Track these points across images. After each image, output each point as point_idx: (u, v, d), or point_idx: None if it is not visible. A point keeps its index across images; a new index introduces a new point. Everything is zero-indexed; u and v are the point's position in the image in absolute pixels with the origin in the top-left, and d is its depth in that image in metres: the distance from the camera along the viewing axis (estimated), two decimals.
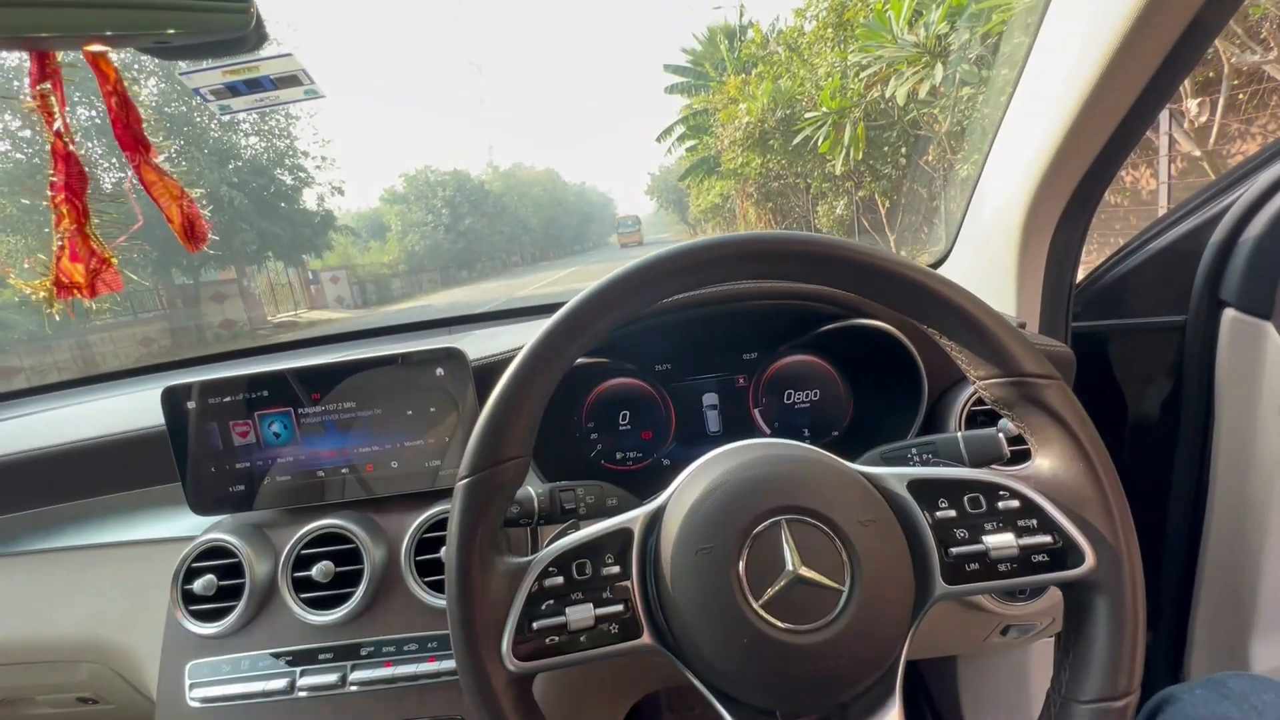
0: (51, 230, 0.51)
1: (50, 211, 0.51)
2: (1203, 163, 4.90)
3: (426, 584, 0.74)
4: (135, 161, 0.51)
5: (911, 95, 6.06)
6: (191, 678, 0.74)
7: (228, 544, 0.75)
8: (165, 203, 0.53)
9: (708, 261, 0.48)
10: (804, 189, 9.28)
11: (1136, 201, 5.92)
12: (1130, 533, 0.44)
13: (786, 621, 0.42)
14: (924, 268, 0.48)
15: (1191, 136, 4.92)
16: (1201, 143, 4.85)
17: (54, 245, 0.52)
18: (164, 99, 15.58)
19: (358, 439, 0.80)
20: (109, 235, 0.57)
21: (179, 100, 16.35)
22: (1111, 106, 0.75)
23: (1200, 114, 4.86)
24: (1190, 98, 4.84)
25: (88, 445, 0.87)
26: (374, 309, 23.91)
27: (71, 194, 0.51)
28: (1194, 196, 0.96)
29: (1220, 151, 4.92)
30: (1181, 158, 5.21)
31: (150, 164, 0.52)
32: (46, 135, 0.50)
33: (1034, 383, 0.46)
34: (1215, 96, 4.77)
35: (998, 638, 0.91)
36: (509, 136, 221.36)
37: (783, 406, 0.88)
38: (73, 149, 0.50)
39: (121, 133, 0.50)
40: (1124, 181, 6.09)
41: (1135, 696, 0.43)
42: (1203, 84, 4.91)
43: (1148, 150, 5.39)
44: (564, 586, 0.46)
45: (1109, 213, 6.15)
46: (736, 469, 0.47)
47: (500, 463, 0.46)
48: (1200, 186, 0.95)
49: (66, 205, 0.51)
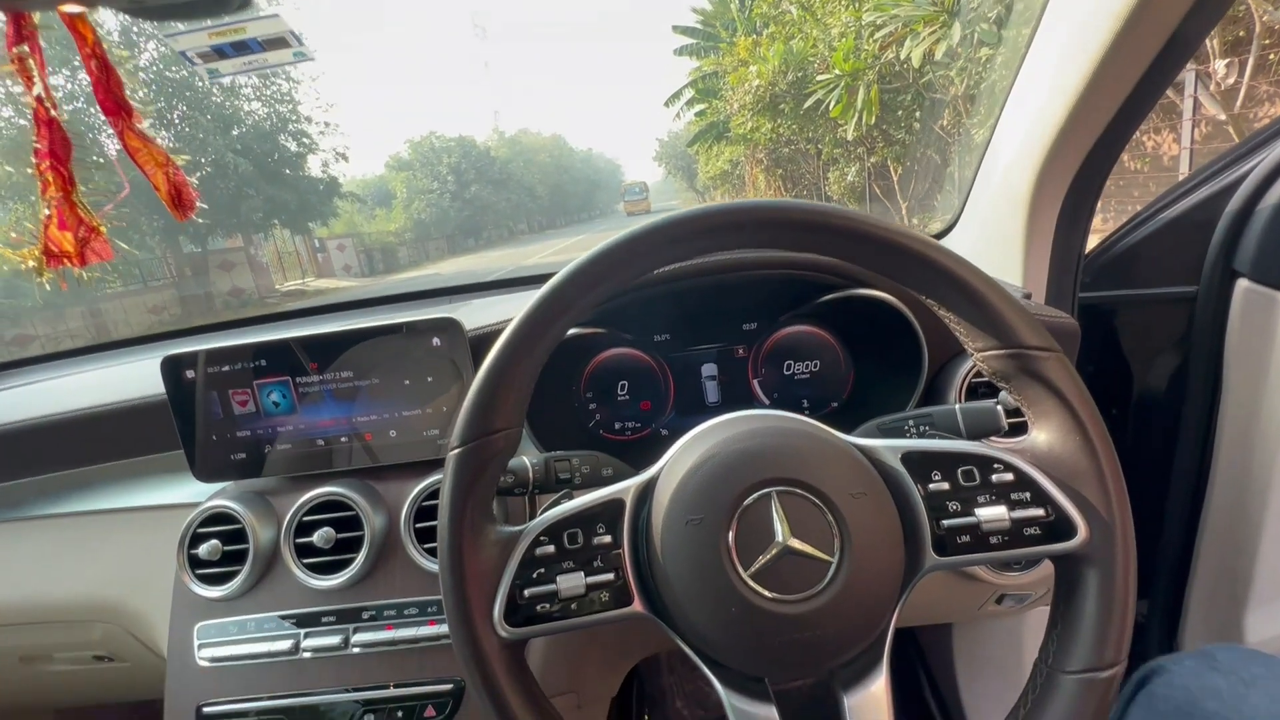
0: (38, 198, 0.51)
1: (36, 179, 0.51)
2: (1228, 127, 4.74)
3: (426, 550, 0.75)
4: (118, 127, 0.50)
5: (927, 56, 5.88)
6: (200, 638, 0.76)
7: (231, 510, 0.76)
8: (150, 170, 0.52)
9: (700, 231, 0.47)
10: (815, 155, 9.10)
11: (1157, 168, 5.75)
12: (1125, 507, 0.44)
13: (775, 591, 0.43)
14: (922, 236, 0.46)
15: (1217, 99, 4.74)
16: (1228, 106, 4.68)
17: (41, 213, 0.51)
18: (165, 63, 15.35)
19: (356, 408, 0.80)
20: (98, 204, 0.56)
21: (180, 65, 16.11)
22: (1127, 67, 0.72)
23: (1228, 75, 4.68)
24: (1218, 58, 4.65)
25: (95, 412, 0.88)
26: (381, 277, 23.89)
27: (56, 160, 0.50)
28: (1211, 163, 0.93)
29: (1246, 115, 4.74)
30: (1206, 122, 5.04)
31: (134, 130, 0.51)
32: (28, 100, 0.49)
33: (1033, 355, 0.45)
34: (1245, 57, 4.58)
35: (993, 606, 0.91)
36: (514, 102, 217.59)
37: (782, 377, 0.88)
38: (55, 114, 0.50)
39: (103, 97, 0.49)
40: (1145, 147, 5.91)
41: (1121, 668, 0.43)
42: (1232, 44, 4.72)
43: (1170, 114, 5.21)
44: (555, 555, 0.46)
45: (1128, 179, 5.97)
46: (728, 440, 0.47)
47: (490, 434, 0.46)
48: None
49: (52, 172, 0.50)
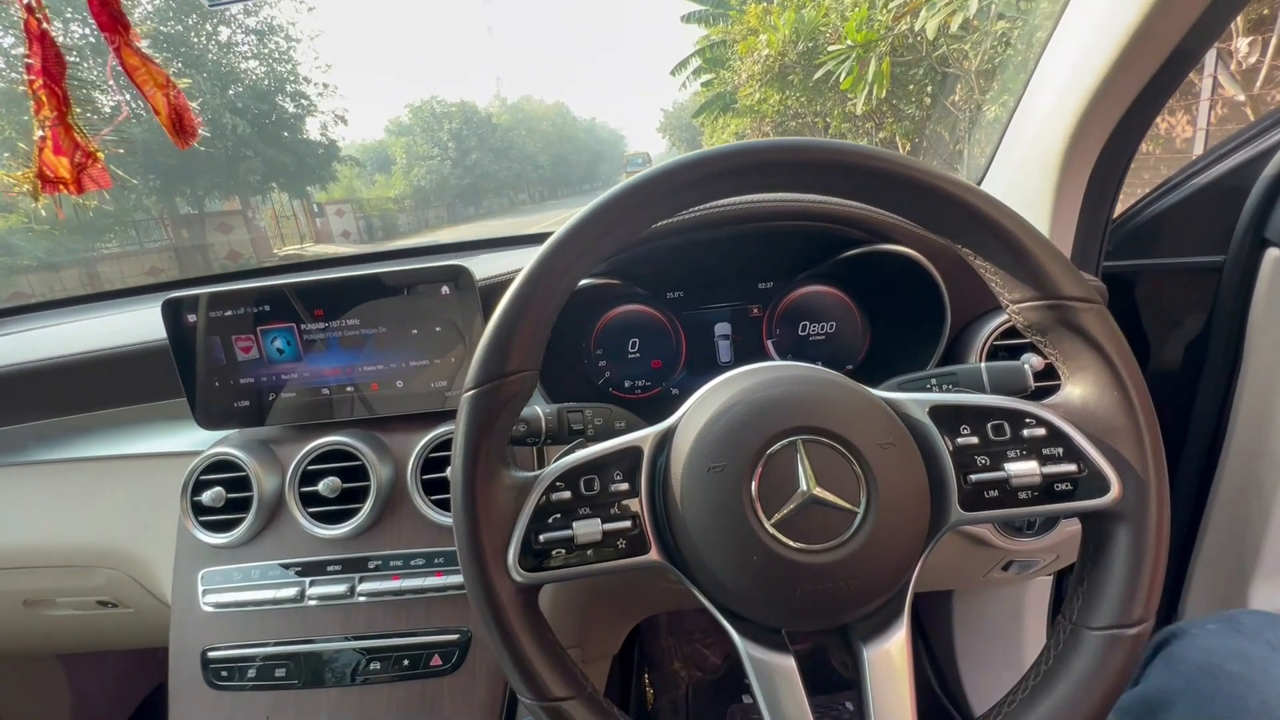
0: (31, 118, 0.48)
1: (28, 98, 0.48)
2: (1245, 108, 4.64)
3: (433, 502, 0.74)
4: (115, 43, 0.47)
5: (942, 29, 5.73)
6: (204, 584, 0.76)
7: (235, 458, 0.75)
8: (150, 90, 0.49)
9: (727, 170, 0.44)
10: (822, 129, 8.94)
11: (1170, 149, 5.66)
12: (1161, 464, 0.43)
13: (798, 541, 0.41)
14: (960, 179, 0.44)
15: (1237, 79, 4.63)
16: (1247, 86, 4.58)
17: (34, 135, 0.49)
18: (160, 17, 14.98)
19: (363, 357, 0.78)
20: (95, 130, 0.54)
21: (175, 20, 15.72)
22: (1169, 25, 0.69)
23: (1250, 54, 4.56)
24: (1241, 36, 4.53)
25: (94, 357, 0.87)
26: (380, 244, 23.65)
27: (49, 79, 0.47)
28: (1245, 130, 0.89)
29: (1265, 97, 4.64)
30: (1223, 102, 4.93)
31: (132, 46, 0.48)
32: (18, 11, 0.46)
33: (1073, 306, 0.43)
34: (1268, 35, 4.46)
35: (998, 573, 0.91)
36: (517, 68, 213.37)
37: (797, 338, 0.86)
38: (48, 28, 0.47)
39: (98, 10, 0.46)
40: (1158, 127, 5.80)
41: (1149, 625, 0.42)
42: (1255, 22, 4.59)
43: (1186, 94, 5.10)
44: (571, 501, 0.45)
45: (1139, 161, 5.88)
46: (752, 389, 0.46)
47: (506, 375, 0.44)
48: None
49: (45, 91, 0.48)
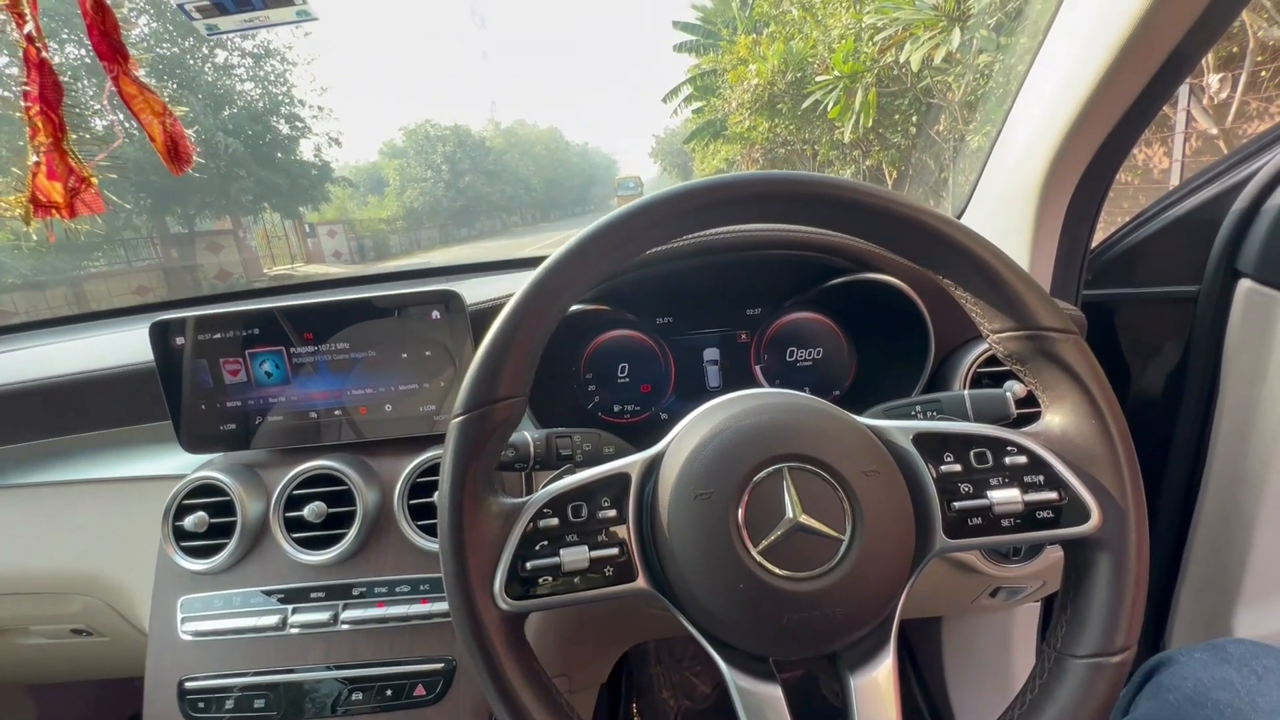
0: (26, 144, 0.49)
1: (25, 124, 0.48)
2: (1218, 141, 4.80)
3: (419, 527, 0.73)
4: (114, 72, 0.48)
5: (926, 61, 5.89)
6: (184, 612, 0.74)
7: (219, 482, 0.74)
8: (146, 118, 0.50)
9: (717, 201, 0.45)
10: (810, 156, 9.11)
11: (1148, 180, 5.81)
12: (1139, 492, 0.44)
13: (785, 569, 0.42)
14: (940, 213, 0.45)
15: (1209, 113, 4.80)
16: (1220, 120, 4.75)
17: (29, 160, 0.49)
18: (156, 39, 15.11)
19: (351, 381, 0.78)
20: (88, 154, 0.54)
21: (172, 41, 15.85)
22: (1143, 60, 0.71)
23: (1221, 90, 4.74)
24: (1212, 72, 4.71)
25: (75, 380, 0.86)
26: (371, 265, 23.64)
27: (46, 105, 0.48)
28: (1217, 163, 0.92)
29: (1236, 131, 4.81)
30: (1197, 135, 5.10)
31: (130, 75, 0.48)
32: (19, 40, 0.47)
33: (1050, 336, 0.44)
34: (1238, 72, 4.64)
35: (986, 600, 0.91)
36: (511, 93, 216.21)
37: (784, 364, 0.87)
38: (46, 56, 0.47)
39: (98, 40, 0.47)
40: (1135, 159, 5.97)
41: (1131, 654, 0.42)
42: (1225, 59, 4.77)
43: (1162, 127, 5.27)
44: (559, 528, 0.45)
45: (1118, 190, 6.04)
46: (739, 415, 0.46)
47: (495, 401, 0.44)
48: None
49: (41, 118, 0.48)
